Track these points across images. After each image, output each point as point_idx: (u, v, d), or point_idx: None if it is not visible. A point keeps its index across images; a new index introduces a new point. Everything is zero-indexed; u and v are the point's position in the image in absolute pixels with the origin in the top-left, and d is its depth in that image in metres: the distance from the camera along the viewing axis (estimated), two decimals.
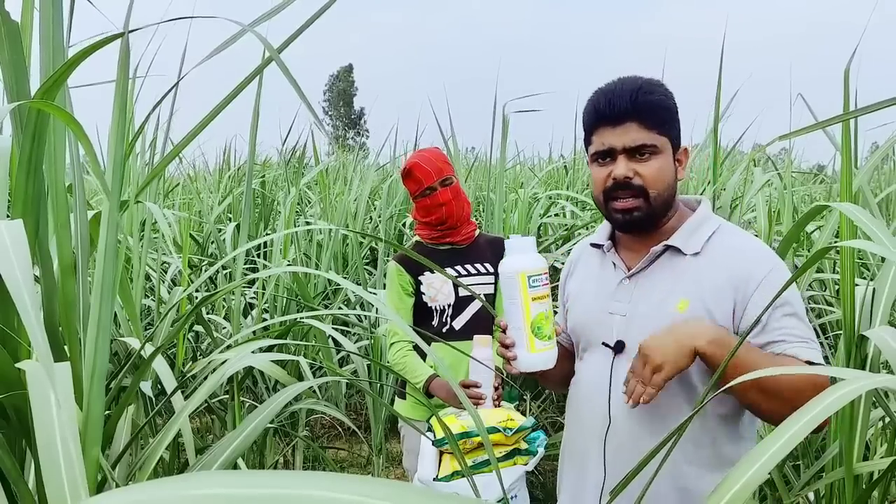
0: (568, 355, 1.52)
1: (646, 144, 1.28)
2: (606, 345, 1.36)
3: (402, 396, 2.41)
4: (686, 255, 1.30)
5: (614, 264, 1.40)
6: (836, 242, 1.91)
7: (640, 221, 1.31)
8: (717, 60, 2.64)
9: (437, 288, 2.32)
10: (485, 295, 2.35)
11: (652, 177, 1.28)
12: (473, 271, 2.36)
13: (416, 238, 2.45)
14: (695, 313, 1.25)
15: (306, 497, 0.42)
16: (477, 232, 2.43)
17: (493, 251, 2.40)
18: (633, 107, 1.27)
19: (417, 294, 2.34)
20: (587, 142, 1.37)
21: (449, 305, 2.32)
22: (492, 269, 2.36)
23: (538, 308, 1.33)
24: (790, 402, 1.20)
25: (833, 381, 1.02)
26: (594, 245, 1.47)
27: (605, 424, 1.34)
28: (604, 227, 1.46)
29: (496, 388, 2.05)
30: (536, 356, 1.34)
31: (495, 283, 2.37)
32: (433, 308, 2.33)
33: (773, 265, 1.27)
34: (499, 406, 2.05)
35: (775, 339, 1.24)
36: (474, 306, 2.33)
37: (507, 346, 1.35)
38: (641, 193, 1.29)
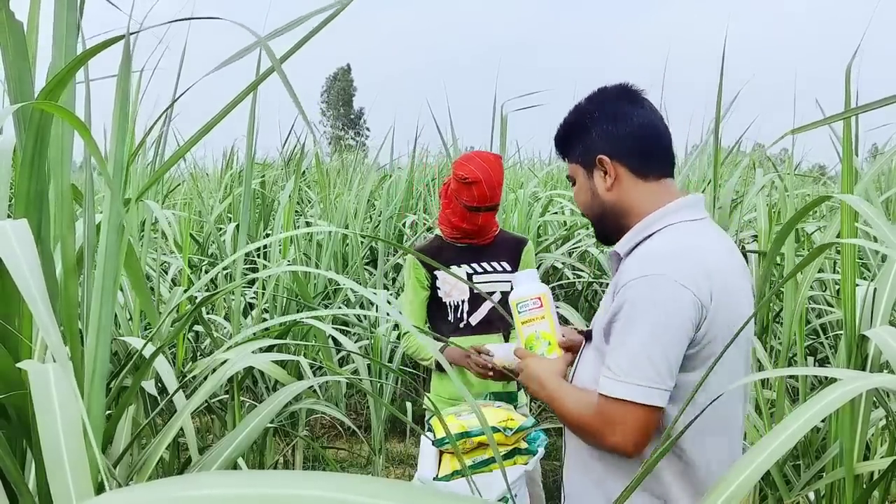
0: None
1: (569, 176, 1.42)
2: (580, 332, 1.48)
3: (440, 369, 2.34)
4: (624, 259, 1.31)
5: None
6: (837, 240, 1.91)
7: (598, 237, 1.45)
8: (717, 60, 2.64)
9: (452, 283, 2.33)
10: (501, 292, 2.35)
11: (578, 202, 1.42)
12: (489, 269, 2.36)
13: (437, 232, 2.45)
14: (599, 318, 1.31)
15: (308, 497, 0.42)
16: (497, 230, 2.43)
17: (510, 249, 2.40)
18: (556, 146, 1.45)
19: (433, 288, 2.35)
20: None
21: (464, 301, 2.33)
22: (508, 268, 2.37)
23: (528, 330, 1.50)
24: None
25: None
26: None
27: None
28: None
29: (506, 371, 2.06)
30: None
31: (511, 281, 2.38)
32: (448, 304, 2.33)
33: (640, 273, 1.20)
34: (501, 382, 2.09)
35: (608, 351, 1.24)
36: (491, 302, 2.34)
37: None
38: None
